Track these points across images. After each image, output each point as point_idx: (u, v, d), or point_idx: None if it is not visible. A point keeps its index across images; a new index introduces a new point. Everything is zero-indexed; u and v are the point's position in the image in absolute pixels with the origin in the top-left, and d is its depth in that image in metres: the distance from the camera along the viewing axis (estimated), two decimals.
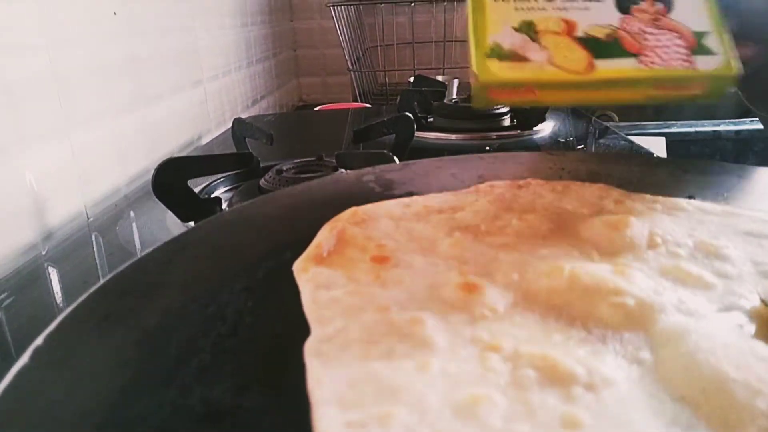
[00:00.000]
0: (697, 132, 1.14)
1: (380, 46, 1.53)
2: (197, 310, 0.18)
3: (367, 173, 0.30)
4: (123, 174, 0.62)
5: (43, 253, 0.49)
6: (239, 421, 0.14)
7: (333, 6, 1.20)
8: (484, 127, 0.76)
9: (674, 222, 0.26)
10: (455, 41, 1.50)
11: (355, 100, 1.38)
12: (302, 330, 0.18)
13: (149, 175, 0.42)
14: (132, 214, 0.55)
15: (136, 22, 0.67)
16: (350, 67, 1.28)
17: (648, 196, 0.28)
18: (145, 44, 0.69)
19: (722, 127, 1.13)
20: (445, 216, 0.26)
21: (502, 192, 0.28)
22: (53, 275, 0.45)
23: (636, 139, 1.07)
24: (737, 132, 1.13)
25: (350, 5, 1.29)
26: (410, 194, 0.29)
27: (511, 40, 0.28)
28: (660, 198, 0.28)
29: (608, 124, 1.14)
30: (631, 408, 0.15)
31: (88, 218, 0.56)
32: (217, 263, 0.21)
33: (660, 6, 0.29)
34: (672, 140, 1.09)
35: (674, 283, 0.21)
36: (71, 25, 0.55)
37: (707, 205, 0.27)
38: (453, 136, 0.74)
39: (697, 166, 0.31)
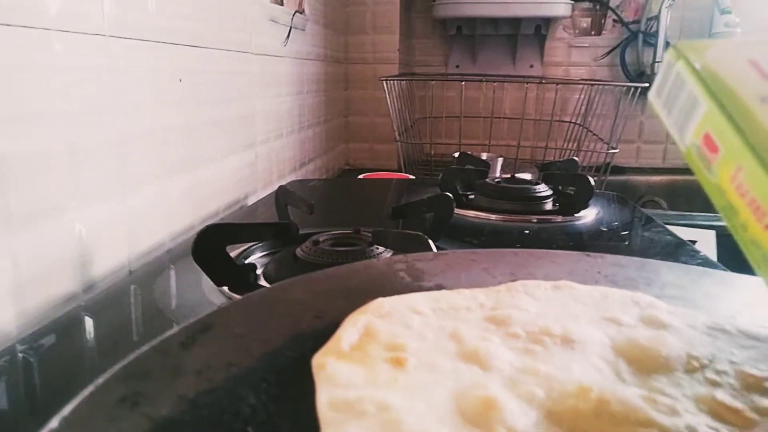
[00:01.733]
0: None
1: (429, 117, 1.58)
2: (211, 402, 0.18)
3: (398, 261, 0.30)
4: (168, 230, 0.65)
5: (83, 303, 0.50)
6: None
7: (386, 80, 1.25)
8: (524, 209, 0.76)
9: (713, 344, 0.24)
10: (503, 118, 1.53)
11: (400, 169, 1.41)
12: None
13: (193, 231, 0.44)
14: (172, 270, 0.56)
15: (198, 90, 0.71)
16: (397, 138, 1.32)
17: (689, 313, 0.27)
18: (204, 111, 0.73)
19: None
20: (474, 313, 0.26)
21: (533, 292, 0.28)
22: (89, 324, 0.46)
23: (683, 231, 1.04)
24: None
25: (403, 80, 1.33)
26: (440, 287, 0.28)
27: None
28: (701, 315, 0.27)
29: (655, 213, 1.12)
30: None
31: (130, 272, 0.58)
32: (238, 350, 0.21)
33: None
34: (723, 233, 1.06)
35: (709, 416, 0.20)
36: (137, 91, 0.58)
37: (752, 329, 0.25)
38: (492, 216, 0.74)
39: (741, 282, 0.30)
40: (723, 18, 1.48)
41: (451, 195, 0.56)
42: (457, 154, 1.06)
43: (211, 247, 0.42)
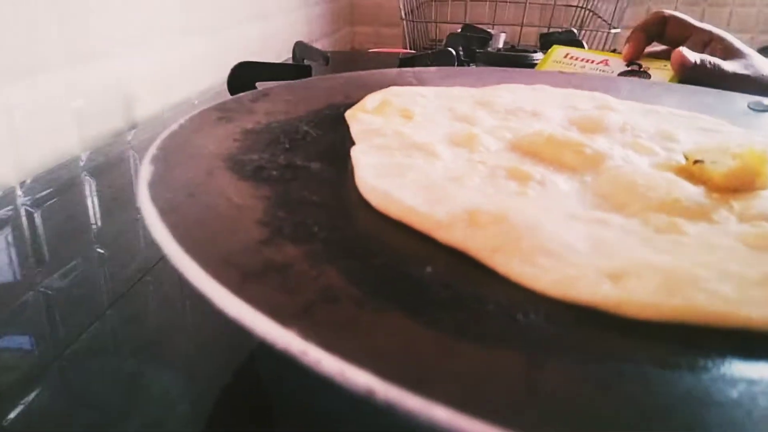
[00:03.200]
0: None
1: (435, 1, 1.58)
2: (278, 126, 0.26)
3: (407, 71, 0.38)
4: (195, 86, 0.71)
5: (129, 139, 0.58)
6: (307, 171, 0.22)
7: None
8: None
9: (646, 119, 0.32)
10: (508, 2, 1.53)
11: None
12: (351, 144, 0.25)
13: (218, 87, 0.50)
14: None
15: None
16: (403, 17, 1.33)
17: (633, 103, 0.34)
18: None
19: None
20: (466, 99, 0.33)
21: (515, 89, 0.35)
22: (134, 159, 0.54)
23: None
24: None
25: None
26: (440, 87, 0.36)
27: None
28: (643, 104, 0.34)
29: None
30: (564, 195, 0.22)
31: (163, 117, 0.65)
32: (290, 106, 0.29)
33: None
34: None
35: (627, 149, 0.28)
36: None
37: (678, 110, 0.33)
38: (510, 69, 0.80)
39: (684, 89, 0.37)
40: None
41: (453, 50, 0.62)
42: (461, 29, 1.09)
43: (243, 80, 0.49)
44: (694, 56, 0.47)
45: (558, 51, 0.53)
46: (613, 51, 1.35)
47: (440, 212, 0.18)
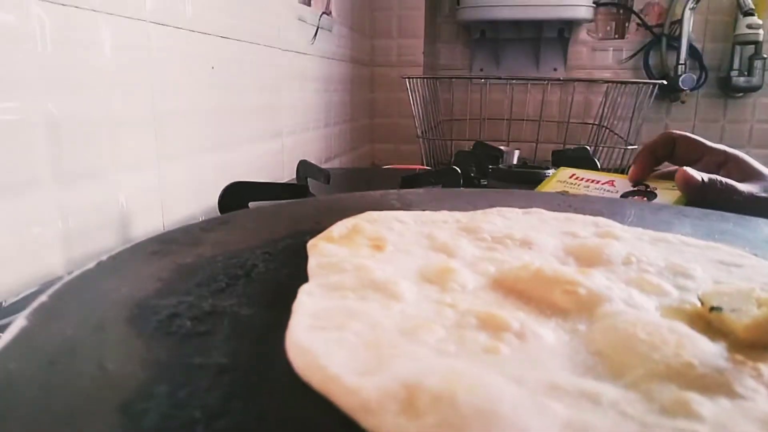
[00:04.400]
0: None
1: (453, 119, 1.62)
2: (223, 259, 0.23)
3: (391, 193, 0.35)
4: (198, 204, 0.71)
5: None
6: (234, 320, 0.18)
7: (408, 78, 1.30)
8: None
9: (655, 249, 0.28)
10: (524, 120, 1.56)
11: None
12: (303, 281, 0.22)
13: None
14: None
15: (228, 77, 0.77)
16: (419, 135, 1.36)
17: (639, 230, 0.31)
18: (234, 97, 0.79)
19: None
20: (449, 225, 0.30)
21: (506, 213, 0.32)
22: None
23: None
24: None
25: (424, 79, 1.38)
26: (424, 211, 0.33)
27: None
28: (650, 232, 0.30)
29: None
30: (549, 352, 0.18)
31: None
32: (248, 235, 0.26)
33: None
34: None
35: (632, 287, 0.24)
36: (173, 74, 0.65)
37: (692, 239, 0.29)
38: (505, 190, 0.78)
39: (697, 213, 0.33)
40: (746, 20, 1.49)
41: (458, 169, 0.60)
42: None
43: (235, 201, 0.48)
44: (700, 175, 0.45)
45: (563, 171, 0.51)
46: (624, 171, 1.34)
47: (370, 388, 0.14)
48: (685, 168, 0.45)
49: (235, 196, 0.48)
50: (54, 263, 0.49)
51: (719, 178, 0.44)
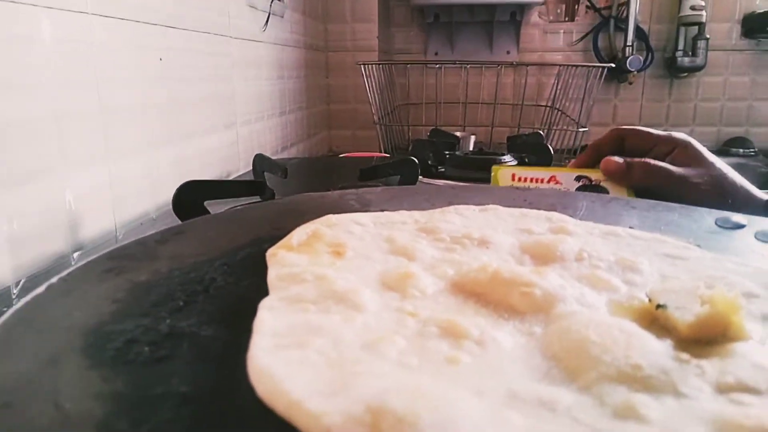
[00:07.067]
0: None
1: (409, 104, 1.62)
2: (180, 274, 0.23)
3: (349, 193, 0.35)
4: (153, 201, 0.69)
5: (72, 262, 0.54)
6: (194, 342, 0.18)
7: (363, 64, 1.29)
8: (490, 177, 0.81)
9: (605, 243, 0.29)
10: (478, 103, 1.58)
11: (381, 153, 1.45)
12: (263, 294, 0.22)
13: None
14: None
15: (178, 68, 0.75)
16: (376, 121, 1.36)
17: (591, 224, 0.32)
18: (185, 89, 0.77)
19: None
20: (407, 226, 0.30)
21: (463, 212, 0.32)
22: None
23: None
24: None
25: (379, 65, 1.37)
26: (383, 211, 0.33)
27: None
28: (601, 225, 0.31)
29: None
30: (508, 358, 0.19)
31: (116, 236, 0.62)
32: (205, 246, 0.26)
33: None
34: None
35: (584, 284, 0.25)
36: (120, 66, 0.63)
37: (639, 232, 0.30)
38: (461, 184, 0.79)
39: (644, 204, 0.34)
40: (689, 1, 1.54)
41: (416, 159, 0.61)
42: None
43: (191, 201, 0.47)
44: (621, 159, 0.47)
45: (502, 172, 0.52)
46: (580, 148, 1.38)
47: (334, 413, 0.14)
48: (607, 157, 0.47)
49: (190, 195, 0.47)
50: (0, 270, 0.47)
51: (650, 161, 0.46)
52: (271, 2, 1.08)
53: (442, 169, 0.85)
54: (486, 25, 1.72)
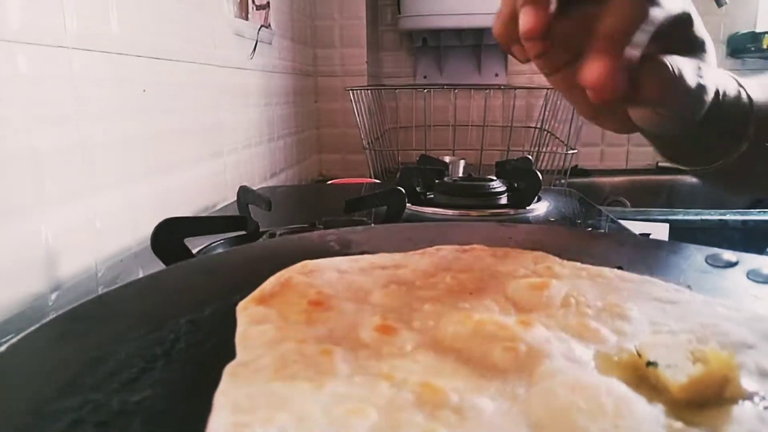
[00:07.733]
0: (703, 220, 1.15)
1: (399, 127, 1.62)
2: (141, 335, 0.21)
3: (330, 233, 0.34)
4: (135, 235, 0.67)
5: (50, 303, 0.53)
6: (146, 420, 0.17)
7: (351, 90, 1.29)
8: (480, 204, 0.80)
9: (593, 287, 0.28)
10: (468, 125, 1.58)
11: (371, 178, 1.44)
12: (230, 356, 0.21)
13: None
14: (140, 273, 0.59)
15: (163, 99, 0.74)
16: (365, 146, 1.35)
17: (578, 264, 0.31)
18: (169, 120, 0.76)
19: (729, 217, 1.14)
20: (386, 272, 0.29)
21: (445, 254, 0.31)
22: None
23: (640, 225, 1.08)
24: (744, 222, 1.14)
25: (368, 89, 1.37)
26: (363, 253, 0.32)
27: None
28: (589, 266, 0.30)
29: (614, 209, 1.17)
30: (488, 428, 0.17)
31: (96, 273, 0.60)
32: (172, 300, 0.25)
33: None
34: (677, 227, 1.11)
35: (571, 336, 0.23)
36: (101, 100, 0.61)
37: (628, 274, 0.29)
38: (449, 212, 0.78)
39: (633, 240, 0.33)
40: None
41: (402, 189, 0.60)
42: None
43: (170, 239, 0.45)
44: (612, 63, 0.27)
45: None
46: (570, 169, 1.37)
47: None
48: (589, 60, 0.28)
49: (169, 233, 0.45)
50: None
51: (665, 62, 0.29)
52: (259, 30, 1.08)
53: (431, 196, 0.84)
54: (474, 49, 1.73)
